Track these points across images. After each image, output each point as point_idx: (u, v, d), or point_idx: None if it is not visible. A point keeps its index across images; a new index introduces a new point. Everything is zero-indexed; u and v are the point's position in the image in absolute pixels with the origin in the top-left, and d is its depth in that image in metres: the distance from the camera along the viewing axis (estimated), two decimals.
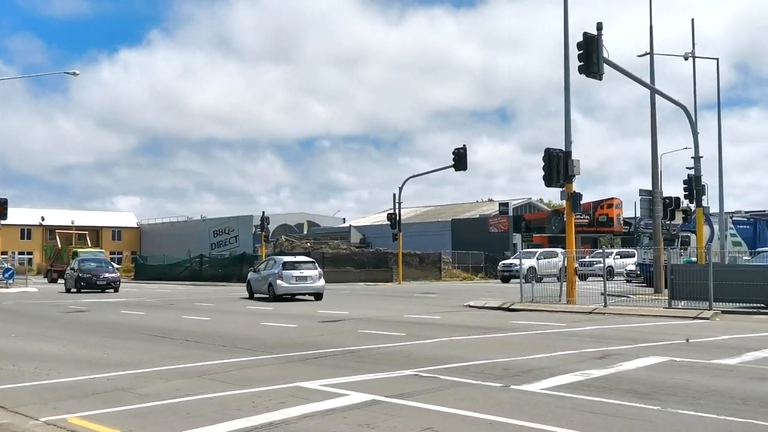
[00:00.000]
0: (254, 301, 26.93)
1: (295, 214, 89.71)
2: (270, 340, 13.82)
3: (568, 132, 22.95)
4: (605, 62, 21.33)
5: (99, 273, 35.91)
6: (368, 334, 14.65)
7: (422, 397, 7.91)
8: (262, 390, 8.38)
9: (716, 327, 16.25)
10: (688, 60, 32.48)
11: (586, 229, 58.21)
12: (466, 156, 39.43)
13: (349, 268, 49.61)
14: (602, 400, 7.69)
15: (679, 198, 29.03)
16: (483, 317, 19.26)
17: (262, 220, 48.19)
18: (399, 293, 33.32)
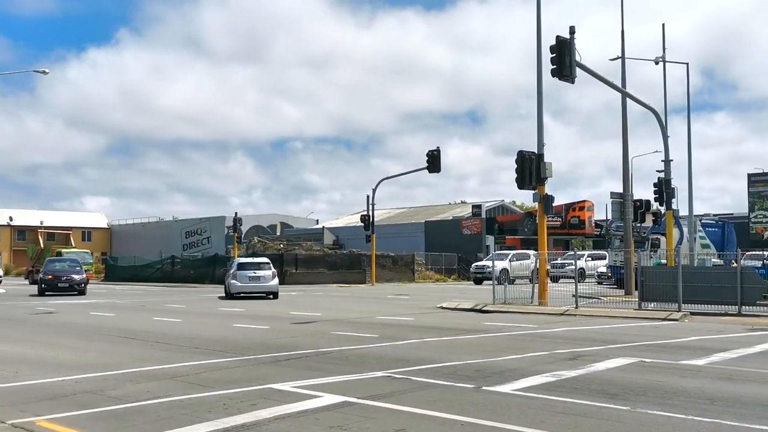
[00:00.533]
0: (227, 303, 26.75)
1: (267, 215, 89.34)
2: (242, 341, 13.73)
3: (540, 134, 23.13)
4: (578, 66, 21.55)
5: (62, 274, 33.74)
6: (341, 336, 14.62)
7: (394, 399, 7.91)
8: (233, 392, 8.32)
9: (685, 328, 16.47)
10: (659, 64, 32.92)
11: (559, 231, 58.73)
12: (440, 158, 39.62)
13: (322, 269, 49.50)
14: (573, 401, 7.76)
15: (649, 201, 29.44)
16: (456, 319, 19.31)
17: (235, 221, 47.91)
18: (372, 295, 33.31)
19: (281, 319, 18.97)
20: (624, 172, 29.47)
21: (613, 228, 39.98)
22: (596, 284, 36.13)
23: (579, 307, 21.32)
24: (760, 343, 13.27)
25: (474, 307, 22.73)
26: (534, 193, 23.03)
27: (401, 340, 13.82)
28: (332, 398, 7.88)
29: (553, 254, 46.84)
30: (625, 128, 29.44)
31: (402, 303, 26.64)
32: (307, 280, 46.95)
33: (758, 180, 63.85)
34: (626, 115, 29.29)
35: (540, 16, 23.42)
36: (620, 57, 29.51)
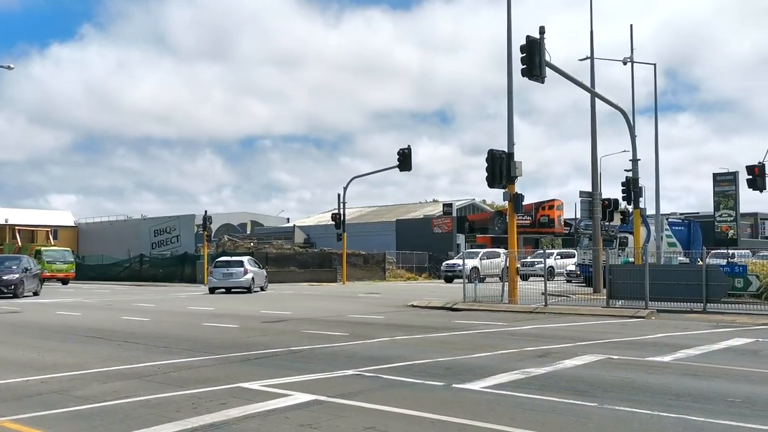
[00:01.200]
0: (196, 301, 26.55)
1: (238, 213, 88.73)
2: (211, 340, 13.63)
3: (510, 134, 23.28)
4: (548, 66, 21.72)
5: None
6: (311, 334, 14.59)
7: (365, 397, 7.91)
8: (202, 391, 8.26)
9: (652, 325, 16.71)
10: (627, 65, 33.32)
11: (528, 229, 59.19)
12: (411, 156, 39.68)
13: (293, 268, 49.37)
14: (542, 398, 7.83)
15: (617, 200, 29.77)
16: (426, 317, 19.37)
17: (205, 219, 47.43)
18: (343, 293, 33.26)
19: (251, 318, 18.87)
20: (593, 172, 29.78)
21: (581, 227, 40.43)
22: (565, 282, 36.49)
23: (548, 305, 21.52)
24: (724, 340, 13.51)
25: (444, 305, 22.82)
26: (504, 191, 23.17)
27: (372, 338, 13.83)
28: (302, 397, 7.86)
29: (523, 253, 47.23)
30: (594, 128, 29.76)
31: (373, 301, 26.65)
32: (277, 278, 46.70)
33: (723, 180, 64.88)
34: (595, 115, 29.61)
35: (510, 17, 23.59)
36: (589, 57, 29.82)
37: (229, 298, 28.93)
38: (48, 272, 46.98)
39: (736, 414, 7.04)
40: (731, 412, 7.14)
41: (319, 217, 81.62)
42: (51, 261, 47.51)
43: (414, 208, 78.74)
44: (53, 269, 47.15)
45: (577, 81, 24.12)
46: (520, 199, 23.29)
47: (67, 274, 47.58)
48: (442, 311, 21.59)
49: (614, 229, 34.74)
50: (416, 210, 76.75)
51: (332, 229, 48.52)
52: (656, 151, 36.05)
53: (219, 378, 9.18)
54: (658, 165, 35.83)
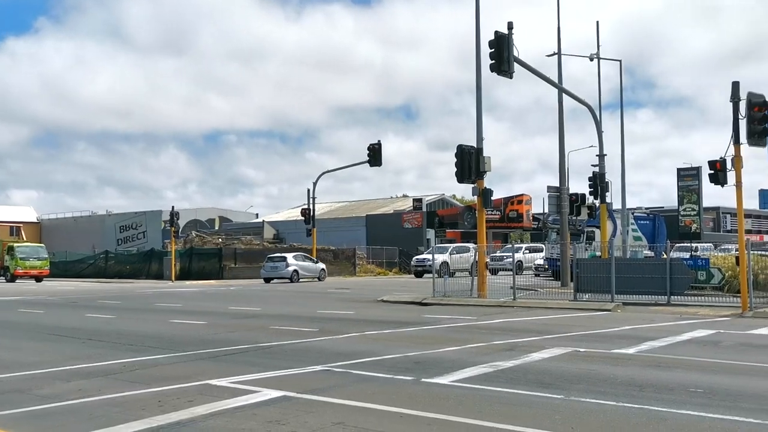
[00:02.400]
0: (164, 298, 26.29)
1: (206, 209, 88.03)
2: (178, 337, 13.52)
3: (479, 129, 23.40)
4: (516, 61, 21.83)
5: None
6: (280, 331, 14.54)
7: (334, 392, 7.91)
8: (169, 389, 8.19)
9: (617, 318, 16.94)
10: (593, 60, 33.63)
11: (497, 224, 59.58)
12: (381, 152, 39.65)
13: (262, 263, 48.98)
14: (510, 391, 7.90)
15: (584, 194, 30.07)
16: (396, 312, 19.41)
17: (172, 215, 46.96)
18: (313, 289, 33.20)
19: (219, 314, 18.75)
20: (560, 167, 30.07)
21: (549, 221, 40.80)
22: (534, 276, 36.78)
23: (517, 298, 21.70)
24: (687, 332, 13.75)
25: (414, 300, 22.89)
26: (473, 186, 23.29)
27: (341, 333, 13.83)
28: (271, 393, 7.83)
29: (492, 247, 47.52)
30: (562, 124, 30.04)
31: (343, 297, 26.63)
32: (246, 274, 46.51)
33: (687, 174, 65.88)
34: (562, 111, 29.89)
35: (479, 12, 23.68)
36: (556, 53, 30.07)
37: (196, 295, 28.72)
38: (21, 269, 46.04)
39: (698, 404, 7.18)
40: (693, 402, 7.28)
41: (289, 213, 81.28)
42: (24, 257, 46.52)
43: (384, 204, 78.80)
44: (26, 266, 46.18)
45: (545, 77, 24.30)
46: (489, 194, 23.43)
47: (41, 271, 46.69)
48: (412, 306, 21.64)
49: (581, 223, 35.11)
50: (386, 205, 76.82)
51: (302, 225, 48.37)
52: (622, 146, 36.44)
53: (186, 375, 9.10)
54: (624, 160, 36.22)
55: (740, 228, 19.22)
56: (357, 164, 44.53)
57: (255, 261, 49.31)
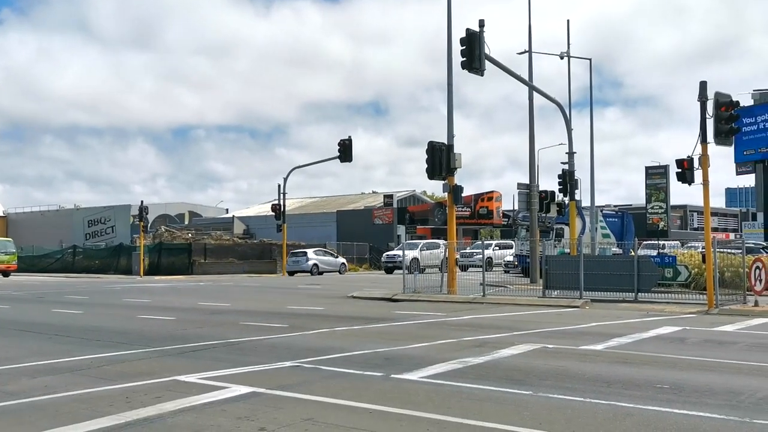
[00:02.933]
0: (132, 294, 26.02)
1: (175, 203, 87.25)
2: (147, 333, 13.39)
3: (450, 125, 23.47)
4: (487, 59, 21.93)
5: None
6: (250, 326, 14.47)
7: (303, 388, 7.89)
8: (136, 385, 8.11)
9: (586, 315, 17.12)
10: (564, 59, 33.90)
11: (468, 221, 59.85)
12: (351, 147, 39.59)
13: (232, 259, 48.88)
14: (479, 387, 7.94)
15: (554, 192, 30.32)
16: (366, 308, 19.41)
17: (141, 209, 46.46)
18: (283, 285, 33.08)
19: (188, 310, 18.61)
20: (530, 164, 30.29)
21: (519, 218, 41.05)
22: (503, 273, 37.04)
23: (486, 295, 21.82)
24: (654, 328, 13.94)
25: (385, 296, 22.91)
26: (444, 183, 23.37)
27: (311, 329, 13.80)
28: (240, 389, 7.79)
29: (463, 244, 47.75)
30: (532, 121, 30.25)
31: (313, 292, 26.58)
32: (216, 270, 46.28)
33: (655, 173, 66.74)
34: (533, 109, 30.09)
35: (450, 9, 23.74)
36: (527, 51, 30.25)
37: (165, 290, 28.46)
38: None
39: (664, 400, 7.28)
40: (660, 398, 7.38)
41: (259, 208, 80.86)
42: None
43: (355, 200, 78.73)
44: None
45: (516, 75, 24.45)
46: (459, 191, 23.51)
47: (8, 266, 45.87)
48: (382, 302, 21.66)
49: (551, 220, 35.42)
50: (357, 201, 76.77)
51: (272, 220, 48.14)
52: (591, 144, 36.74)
53: (154, 371, 9.02)
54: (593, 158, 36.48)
55: (707, 226, 19.52)
56: (327, 160, 44.45)
57: (225, 256, 49.06)
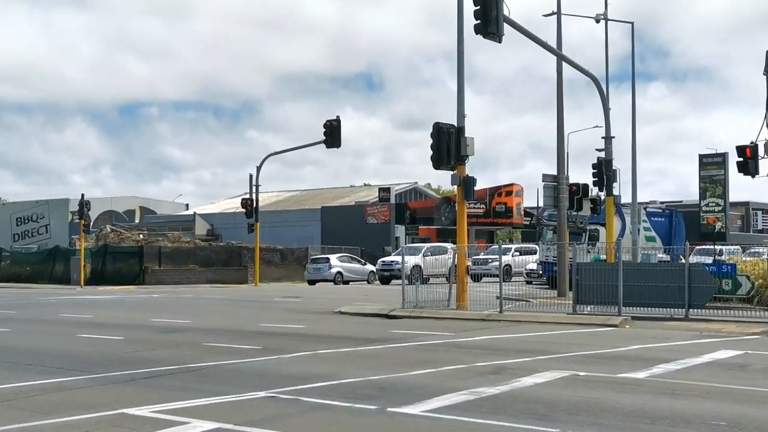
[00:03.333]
0: (70, 308, 25.99)
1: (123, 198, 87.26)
2: (89, 356, 13.41)
3: (461, 103, 23.46)
4: (506, 21, 21.87)
5: None
6: (214, 348, 14.48)
7: (279, 424, 7.91)
8: (76, 419, 8.12)
9: (625, 335, 17.15)
10: (600, 22, 33.92)
11: (482, 220, 59.92)
12: (340, 130, 39.52)
13: (192, 266, 48.85)
14: (494, 423, 7.96)
15: (587, 185, 30.30)
16: (357, 326, 19.43)
17: (81, 205, 46.37)
18: (255, 297, 33.08)
19: (139, 328, 18.62)
20: (558, 151, 30.28)
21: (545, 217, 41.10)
22: (525, 284, 37.08)
23: (504, 311, 21.84)
24: (709, 352, 13.97)
25: (379, 311, 22.92)
26: (453, 174, 23.34)
27: (289, 352, 13.81)
28: (202, 425, 7.80)
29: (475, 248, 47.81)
30: (561, 99, 30.24)
31: (292, 307, 26.59)
32: (173, 279, 46.23)
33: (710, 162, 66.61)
34: (562, 84, 30.08)
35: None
36: (555, 13, 30.23)
37: (109, 305, 28.43)
38: None
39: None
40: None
41: (226, 204, 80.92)
42: None
43: (343, 193, 78.86)
44: None
45: (542, 42, 24.45)
46: (471, 183, 23.49)
47: None
48: (376, 319, 21.68)
49: (583, 220, 35.43)
50: (346, 195, 76.89)
51: (242, 218, 48.13)
52: (633, 127, 36.93)
53: (98, 403, 9.02)
54: (636, 144, 36.70)
55: None
56: (310, 145, 44.41)
57: (184, 262, 49.01)
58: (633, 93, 37.54)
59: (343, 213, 66.13)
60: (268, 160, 46.93)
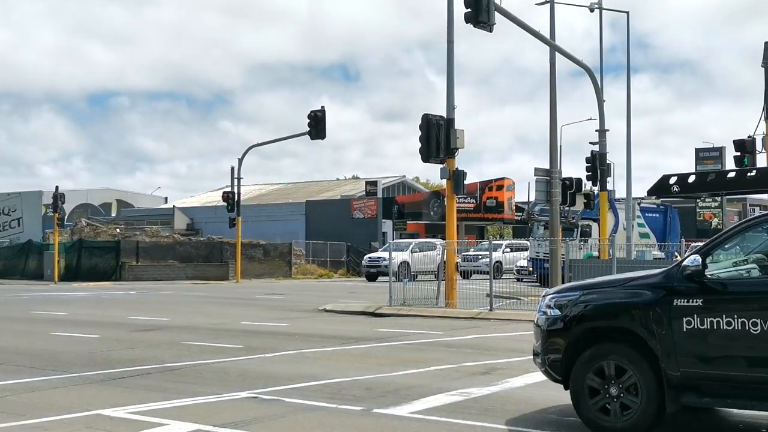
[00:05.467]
0: (44, 305, 25.89)
1: (99, 190, 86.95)
2: (63, 355, 13.37)
3: (450, 95, 23.47)
4: (497, 10, 21.87)
5: None
6: (194, 347, 14.47)
7: (261, 426, 7.91)
8: (49, 420, 8.11)
9: None
10: (594, 11, 33.95)
11: (472, 215, 59.96)
12: (325, 121, 39.43)
13: (172, 261, 48.75)
14: (484, 425, 7.97)
15: (580, 179, 30.35)
16: (342, 324, 19.45)
17: (56, 198, 46.11)
18: (237, 294, 33.06)
19: (116, 326, 18.58)
20: (551, 143, 30.25)
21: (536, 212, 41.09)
22: (515, 281, 37.18)
23: (494, 309, 21.90)
24: None
25: (366, 309, 22.95)
26: (442, 167, 23.34)
27: (272, 351, 13.82)
28: (180, 426, 7.80)
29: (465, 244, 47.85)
30: (554, 90, 30.17)
31: (275, 304, 26.58)
32: (151, 275, 46.12)
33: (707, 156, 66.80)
34: (555, 74, 30.05)
35: None
36: (548, 1, 30.22)
37: (84, 302, 28.35)
38: None
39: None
40: None
41: (207, 197, 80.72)
42: None
43: (328, 187, 78.80)
44: None
45: (535, 32, 24.44)
46: (461, 177, 23.50)
47: None
48: (362, 317, 21.71)
49: (575, 215, 35.51)
50: (331, 189, 76.81)
51: (223, 212, 48.00)
52: (628, 120, 37.03)
53: (72, 403, 9.01)
54: (630, 137, 36.80)
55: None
56: (294, 136, 44.30)
57: (163, 258, 48.90)
58: (628, 84, 37.70)
59: (329, 207, 66.03)
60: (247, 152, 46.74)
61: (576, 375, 7.71)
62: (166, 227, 64.41)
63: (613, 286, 8.10)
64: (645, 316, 7.35)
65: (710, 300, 7.11)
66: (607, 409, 7.48)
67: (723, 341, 7.00)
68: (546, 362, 8.14)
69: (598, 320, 7.84)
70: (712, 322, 7.01)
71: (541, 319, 8.28)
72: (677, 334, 7.14)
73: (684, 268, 7.25)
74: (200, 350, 14.00)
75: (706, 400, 7.24)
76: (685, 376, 7.13)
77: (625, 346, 7.52)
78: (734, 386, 7.01)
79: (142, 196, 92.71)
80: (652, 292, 7.41)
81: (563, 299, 8.07)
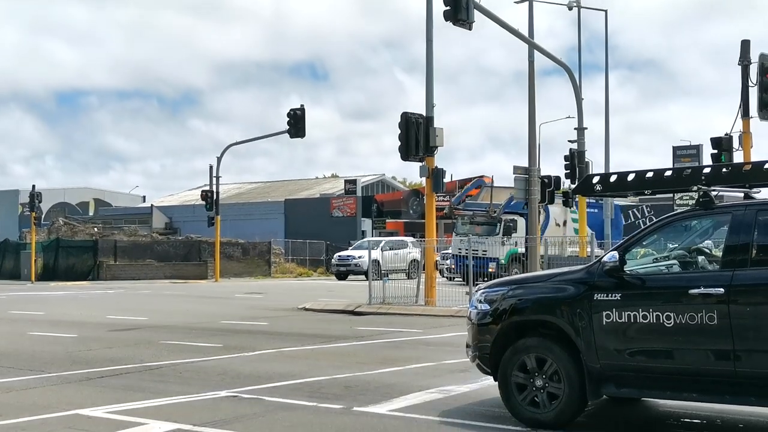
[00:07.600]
0: (21, 304, 25.73)
1: (76, 189, 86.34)
2: (40, 354, 13.30)
3: (429, 92, 23.52)
4: (477, 8, 21.92)
5: None
6: (173, 346, 14.43)
7: (241, 425, 7.91)
8: (27, 421, 8.08)
9: None
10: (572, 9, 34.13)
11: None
12: (305, 120, 39.37)
13: (150, 260, 48.60)
14: (464, 422, 8.02)
15: (559, 177, 30.46)
16: (322, 323, 19.46)
17: (32, 197, 45.84)
18: (216, 293, 32.98)
19: (94, 326, 18.50)
20: (530, 142, 30.33)
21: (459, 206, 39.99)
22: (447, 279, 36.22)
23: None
24: None
25: (345, 308, 22.96)
26: (421, 165, 23.40)
27: (251, 350, 13.81)
28: (160, 426, 7.80)
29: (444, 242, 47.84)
30: (532, 88, 30.29)
31: (254, 303, 26.55)
32: (129, 274, 45.94)
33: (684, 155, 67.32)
34: (533, 73, 30.16)
35: None
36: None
37: (64, 301, 28.19)
38: None
39: None
40: None
41: (185, 196, 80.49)
42: None
43: (308, 185, 78.75)
44: None
45: (514, 30, 24.50)
46: (440, 175, 23.58)
47: None
48: (342, 315, 21.72)
49: (496, 208, 35.08)
50: (311, 188, 76.77)
51: (202, 211, 47.83)
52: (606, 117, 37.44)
53: (50, 403, 8.98)
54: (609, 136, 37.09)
55: None
56: (274, 135, 44.31)
57: (141, 257, 48.72)
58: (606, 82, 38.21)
59: (308, 206, 65.97)
60: (217, 152, 46.67)
61: (502, 371, 7.95)
62: (144, 226, 64.16)
63: (539, 282, 8.38)
64: (568, 311, 7.62)
65: (628, 295, 7.36)
66: (536, 402, 7.69)
67: (640, 334, 7.27)
68: (476, 356, 8.35)
69: (524, 315, 8.08)
70: (630, 316, 7.28)
71: (473, 313, 8.53)
72: (597, 327, 7.39)
73: (603, 264, 7.48)
74: (179, 349, 13.97)
75: (625, 391, 7.47)
76: (605, 367, 7.36)
77: (547, 340, 7.77)
78: (651, 377, 7.26)
79: (119, 195, 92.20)
80: (575, 287, 7.67)
81: (493, 294, 8.30)
